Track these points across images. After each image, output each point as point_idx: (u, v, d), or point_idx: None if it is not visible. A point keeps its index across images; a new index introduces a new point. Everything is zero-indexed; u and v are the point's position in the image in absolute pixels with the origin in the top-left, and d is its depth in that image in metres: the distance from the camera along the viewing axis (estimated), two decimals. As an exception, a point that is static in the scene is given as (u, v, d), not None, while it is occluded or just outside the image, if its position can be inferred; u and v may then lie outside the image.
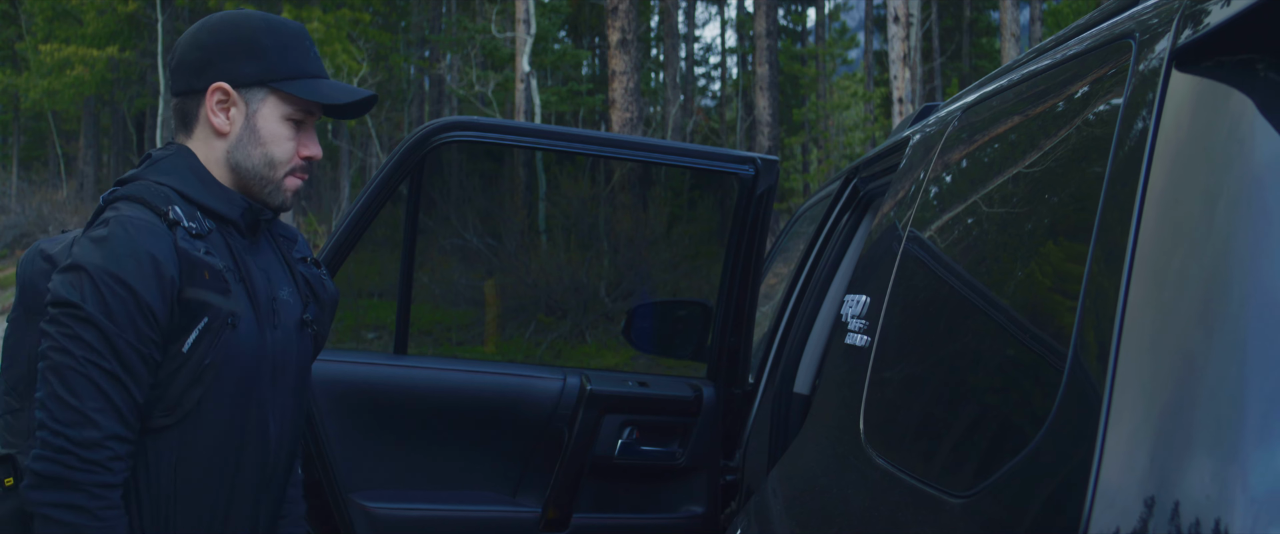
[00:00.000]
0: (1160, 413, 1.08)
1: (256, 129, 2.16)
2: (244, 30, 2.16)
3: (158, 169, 2.11)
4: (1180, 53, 1.27)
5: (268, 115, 2.16)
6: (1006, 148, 1.85)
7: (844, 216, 3.66)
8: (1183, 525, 1.01)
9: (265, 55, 2.14)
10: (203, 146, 2.17)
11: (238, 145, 2.16)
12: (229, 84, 2.13)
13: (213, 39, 2.15)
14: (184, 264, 1.99)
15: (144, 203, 2.02)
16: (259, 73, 2.14)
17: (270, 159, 2.18)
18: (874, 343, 2.03)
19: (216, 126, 2.14)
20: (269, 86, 2.15)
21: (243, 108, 2.15)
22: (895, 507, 1.63)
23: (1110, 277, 1.21)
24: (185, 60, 2.16)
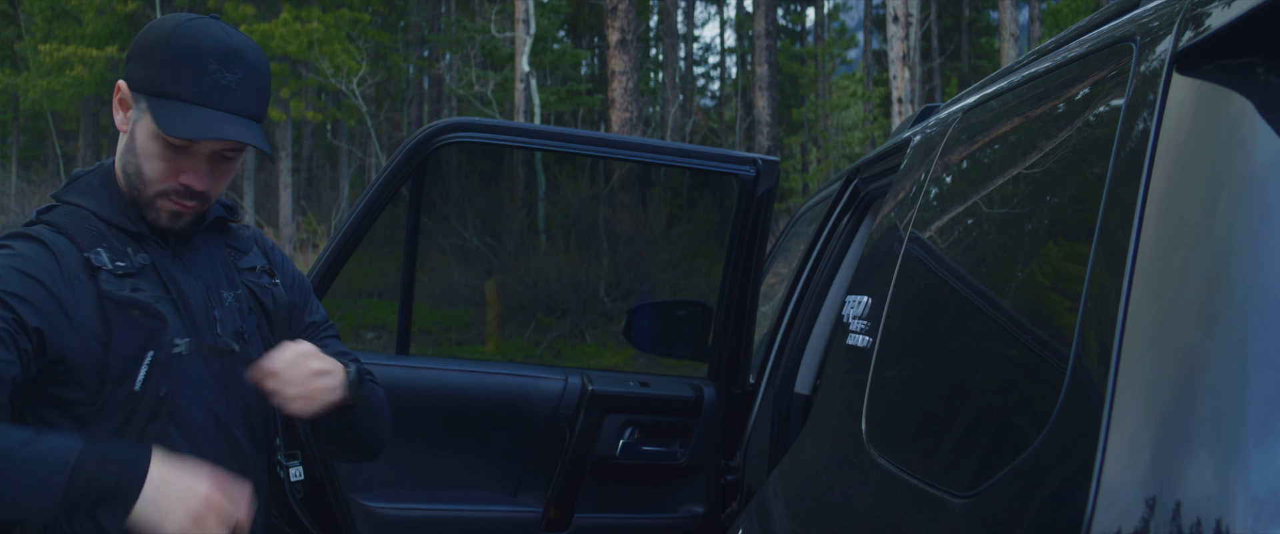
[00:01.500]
0: (1162, 412, 1.09)
1: (135, 138, 2.03)
2: (152, 34, 2.04)
3: (74, 190, 2.06)
4: (1181, 56, 1.28)
5: (144, 127, 2.01)
6: (1008, 149, 1.85)
7: (845, 217, 3.66)
8: (1185, 524, 1.01)
9: (152, 65, 2.00)
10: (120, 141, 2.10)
11: (124, 149, 2.06)
12: (126, 84, 2.04)
13: (140, 35, 2.06)
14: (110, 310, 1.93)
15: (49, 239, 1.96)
16: (143, 81, 2.01)
17: (140, 173, 2.03)
18: (876, 343, 2.04)
19: (118, 123, 2.07)
20: (148, 98, 2.00)
21: (133, 113, 2.04)
22: (897, 506, 1.64)
23: (1112, 277, 1.22)
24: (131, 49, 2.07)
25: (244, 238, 2.34)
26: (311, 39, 23.85)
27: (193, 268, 2.13)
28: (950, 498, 1.43)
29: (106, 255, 1.97)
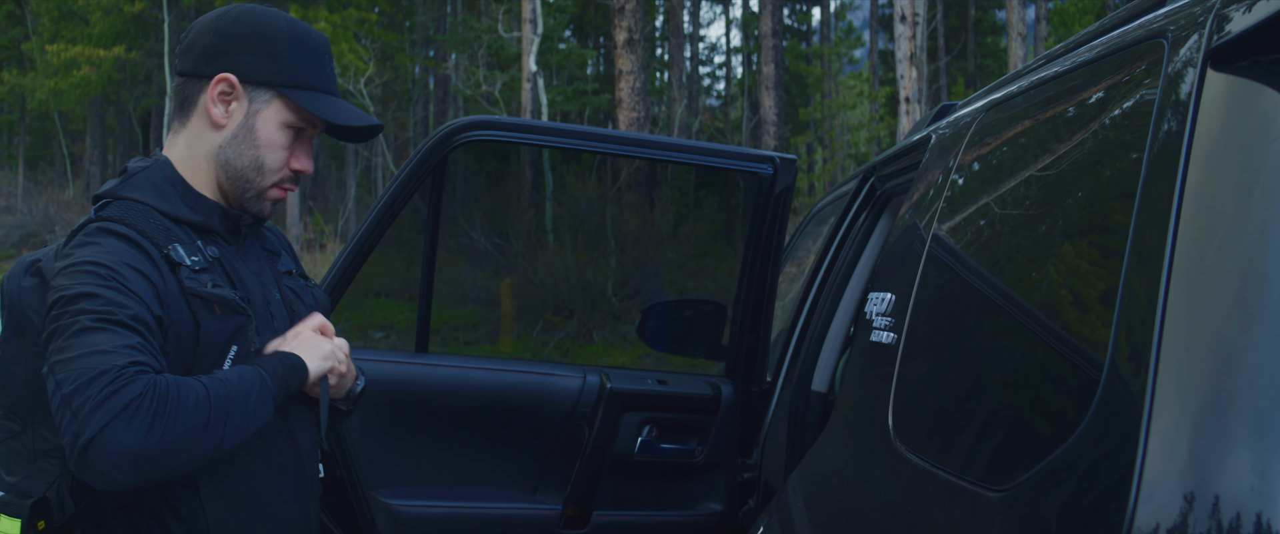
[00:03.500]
0: (1201, 406, 1.09)
1: (254, 130, 2.09)
2: (266, 27, 2.09)
3: (134, 185, 2.04)
4: (1215, 52, 1.28)
5: (269, 118, 2.09)
6: (1034, 145, 1.85)
7: (861, 215, 3.66)
8: (1226, 518, 1.02)
9: (280, 58, 2.08)
10: (194, 137, 2.10)
11: (231, 142, 2.08)
12: (236, 77, 2.06)
13: (233, 29, 2.08)
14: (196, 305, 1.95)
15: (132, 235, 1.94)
16: (270, 74, 2.07)
17: (260, 164, 2.10)
18: (901, 340, 2.04)
19: (214, 117, 2.07)
20: (277, 90, 2.08)
21: (245, 105, 2.08)
22: (929, 502, 1.64)
23: (1147, 272, 1.22)
24: (199, 43, 2.08)
25: (271, 239, 2.35)
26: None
27: (250, 265, 2.16)
28: (985, 492, 1.44)
29: (183, 251, 1.98)
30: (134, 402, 1.68)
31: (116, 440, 1.65)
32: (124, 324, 1.77)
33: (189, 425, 1.73)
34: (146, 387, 1.70)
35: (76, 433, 1.66)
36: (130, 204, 2.00)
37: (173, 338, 1.91)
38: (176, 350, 1.92)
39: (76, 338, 1.73)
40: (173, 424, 1.71)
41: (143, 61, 30.78)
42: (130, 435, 1.66)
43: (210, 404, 1.78)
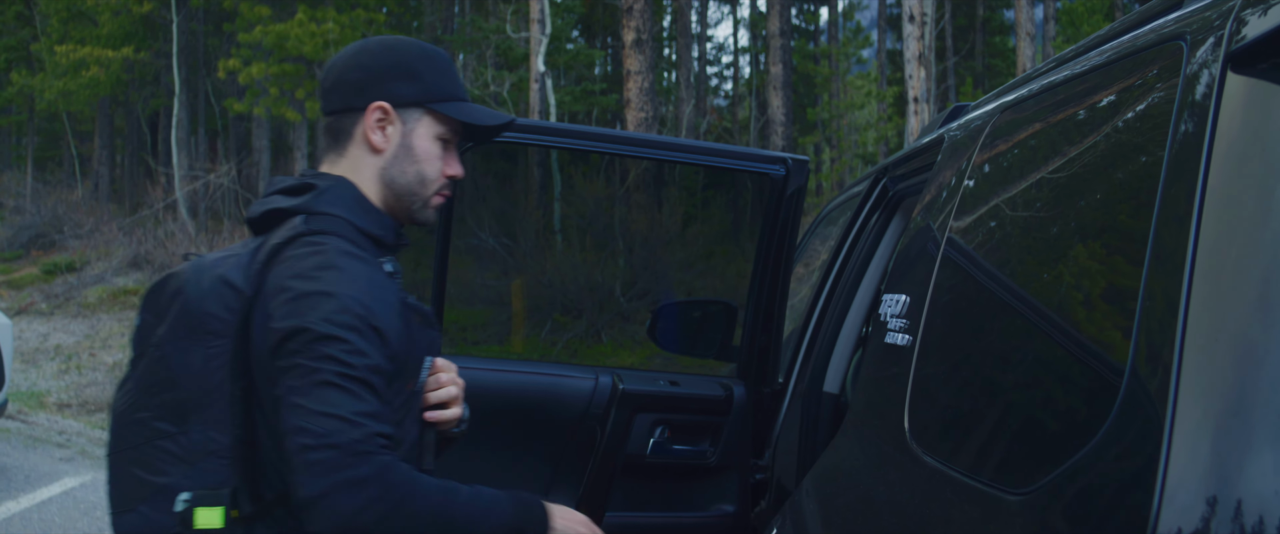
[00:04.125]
0: (1227, 408, 1.09)
1: (412, 148, 2.24)
2: (402, 54, 2.26)
3: (327, 200, 2.16)
4: (1235, 55, 1.28)
5: (423, 134, 2.25)
6: (1051, 147, 1.85)
7: (873, 216, 3.66)
8: (1254, 522, 1.02)
9: (422, 78, 2.24)
10: (356, 164, 2.24)
11: (393, 162, 2.24)
12: (389, 103, 2.21)
13: (373, 61, 2.24)
14: (408, 315, 2.12)
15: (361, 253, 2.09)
16: (417, 94, 2.23)
17: (423, 176, 2.26)
18: (917, 341, 2.04)
19: (373, 143, 2.22)
20: (425, 107, 2.24)
21: (399, 127, 2.23)
22: (946, 504, 1.64)
23: (1170, 273, 1.22)
24: (345, 79, 2.24)
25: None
26: (327, 40, 23.87)
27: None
28: (1004, 495, 1.44)
29: (389, 265, 2.19)
30: (366, 481, 1.85)
31: (341, 510, 1.84)
32: (363, 382, 1.91)
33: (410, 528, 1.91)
34: (379, 471, 1.87)
35: (309, 489, 1.83)
36: (333, 219, 2.14)
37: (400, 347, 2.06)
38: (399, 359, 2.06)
39: (318, 390, 1.88)
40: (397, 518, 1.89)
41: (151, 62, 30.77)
42: (355, 513, 1.84)
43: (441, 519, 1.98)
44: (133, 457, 2.07)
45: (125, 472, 2.09)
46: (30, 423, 11.43)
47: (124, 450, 2.09)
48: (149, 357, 2.09)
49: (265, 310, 2.00)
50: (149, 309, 2.12)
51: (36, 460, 9.61)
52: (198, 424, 2.03)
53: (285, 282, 1.99)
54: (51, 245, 25.08)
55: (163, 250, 21.48)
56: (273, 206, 2.17)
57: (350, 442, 1.85)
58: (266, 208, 2.17)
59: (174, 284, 2.09)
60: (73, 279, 21.08)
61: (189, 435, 2.03)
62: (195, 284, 2.07)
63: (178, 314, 2.06)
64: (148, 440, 2.06)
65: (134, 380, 2.11)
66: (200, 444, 2.03)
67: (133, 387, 2.11)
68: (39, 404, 12.59)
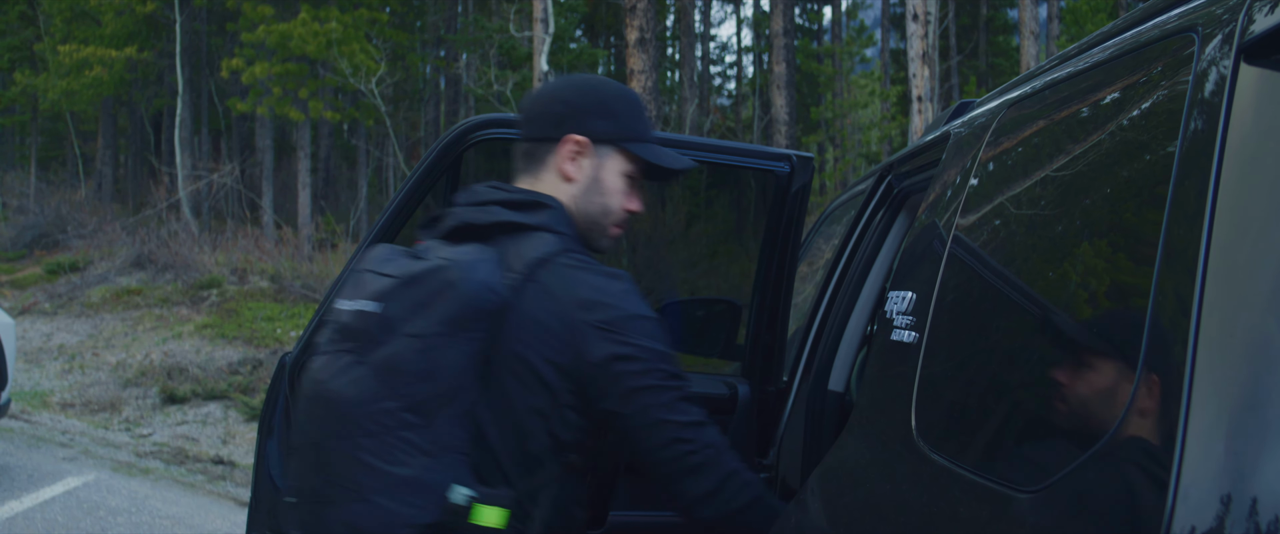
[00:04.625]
0: (1241, 405, 1.08)
1: (601, 181, 2.44)
2: (602, 93, 2.46)
3: (560, 220, 2.35)
4: (1248, 46, 1.26)
5: (612, 170, 2.45)
6: (1058, 143, 1.83)
7: (878, 213, 3.64)
8: (1269, 520, 1.00)
9: (618, 117, 2.43)
10: (549, 190, 2.41)
11: (583, 193, 2.42)
12: (586, 138, 2.40)
13: (575, 97, 2.44)
14: None
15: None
16: (612, 132, 2.43)
17: (607, 209, 2.45)
18: (923, 339, 2.02)
19: (566, 173, 2.41)
20: (617, 145, 2.44)
21: (592, 160, 2.42)
22: (954, 503, 1.62)
23: (1182, 269, 1.21)
24: (547, 112, 2.43)
25: None
26: (330, 39, 23.89)
27: None
28: (1014, 493, 1.42)
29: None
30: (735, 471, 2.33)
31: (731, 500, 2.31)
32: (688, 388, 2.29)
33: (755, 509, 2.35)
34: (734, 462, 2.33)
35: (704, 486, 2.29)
36: (572, 240, 2.37)
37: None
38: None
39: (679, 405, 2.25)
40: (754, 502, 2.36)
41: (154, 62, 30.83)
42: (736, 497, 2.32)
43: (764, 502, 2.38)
44: (368, 446, 2.11)
45: (353, 459, 2.12)
46: (33, 422, 11.44)
47: (354, 437, 2.12)
48: (399, 347, 2.12)
49: (553, 319, 2.19)
50: (396, 299, 2.15)
51: (39, 460, 9.61)
52: (444, 419, 2.12)
53: (594, 298, 2.21)
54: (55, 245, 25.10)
55: (166, 250, 21.49)
56: (503, 219, 2.31)
57: (719, 442, 2.28)
58: (496, 220, 2.31)
59: (436, 278, 2.15)
60: (76, 279, 21.09)
61: (434, 429, 2.12)
62: (466, 283, 2.13)
63: (444, 309, 2.12)
64: (389, 430, 2.11)
65: (371, 368, 2.14)
66: (443, 438, 2.12)
67: (369, 375, 2.13)
68: (42, 404, 12.59)
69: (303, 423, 2.25)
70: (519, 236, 2.28)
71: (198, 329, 16.43)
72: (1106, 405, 1.28)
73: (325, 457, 2.16)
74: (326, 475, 2.15)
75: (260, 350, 14.84)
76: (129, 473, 9.47)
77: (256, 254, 21.35)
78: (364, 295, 2.20)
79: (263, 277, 19.63)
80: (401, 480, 2.08)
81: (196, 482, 9.47)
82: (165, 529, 7.74)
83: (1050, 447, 1.42)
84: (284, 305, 17.73)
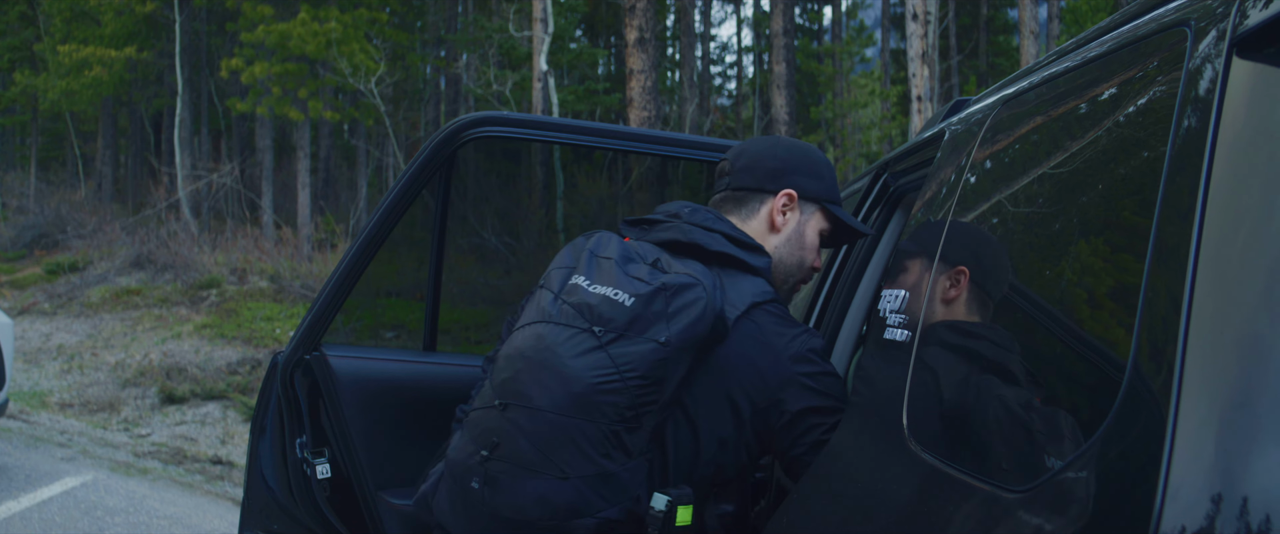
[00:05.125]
0: (1231, 403, 1.06)
1: (803, 236, 2.65)
2: (813, 156, 2.68)
3: (769, 266, 2.51)
4: (1240, 40, 1.25)
5: (812, 227, 2.66)
6: (1052, 140, 1.82)
7: (874, 212, 3.62)
8: (1260, 520, 0.99)
9: (824, 179, 2.66)
10: (757, 237, 2.59)
11: (785, 244, 2.63)
12: (797, 193, 2.61)
13: (789, 155, 2.65)
14: None
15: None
16: (820, 192, 2.64)
17: (802, 262, 2.66)
18: (916, 337, 2.01)
19: (775, 223, 2.61)
20: (821, 205, 2.65)
21: (798, 215, 2.64)
22: (944, 502, 1.61)
23: (1172, 266, 1.19)
24: (762, 164, 2.63)
25: None
26: (329, 39, 23.88)
27: None
28: (1003, 493, 1.41)
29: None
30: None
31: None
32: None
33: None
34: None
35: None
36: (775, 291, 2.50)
37: None
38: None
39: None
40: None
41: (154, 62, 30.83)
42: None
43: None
44: (588, 431, 2.21)
45: (570, 440, 2.21)
46: (32, 422, 11.43)
47: (578, 419, 2.22)
48: (643, 348, 2.22)
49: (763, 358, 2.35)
50: (652, 302, 2.26)
51: (37, 460, 9.60)
52: (647, 425, 2.25)
53: (803, 352, 2.38)
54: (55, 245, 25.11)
55: (165, 250, 21.49)
56: (729, 251, 2.44)
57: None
58: (726, 251, 2.44)
59: (694, 297, 2.27)
60: (76, 279, 21.10)
61: (640, 432, 2.25)
62: (711, 308, 2.27)
63: (688, 326, 2.25)
64: (611, 421, 2.22)
65: (608, 355, 2.23)
66: (642, 442, 2.25)
67: (608, 363, 2.22)
68: (41, 404, 12.59)
69: (520, 381, 2.29)
70: (736, 274, 2.42)
71: (197, 329, 16.43)
72: (1096, 404, 1.27)
73: (540, 424, 2.23)
74: (535, 442, 2.23)
75: (259, 350, 14.83)
76: (127, 473, 9.46)
77: (256, 254, 21.36)
78: (615, 285, 2.29)
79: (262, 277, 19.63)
80: (605, 473, 2.21)
81: (195, 482, 9.46)
82: (163, 529, 7.73)
83: (1039, 446, 1.41)
84: (283, 305, 17.73)
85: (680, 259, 2.40)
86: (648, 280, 2.29)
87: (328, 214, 27.51)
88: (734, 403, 2.33)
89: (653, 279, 2.29)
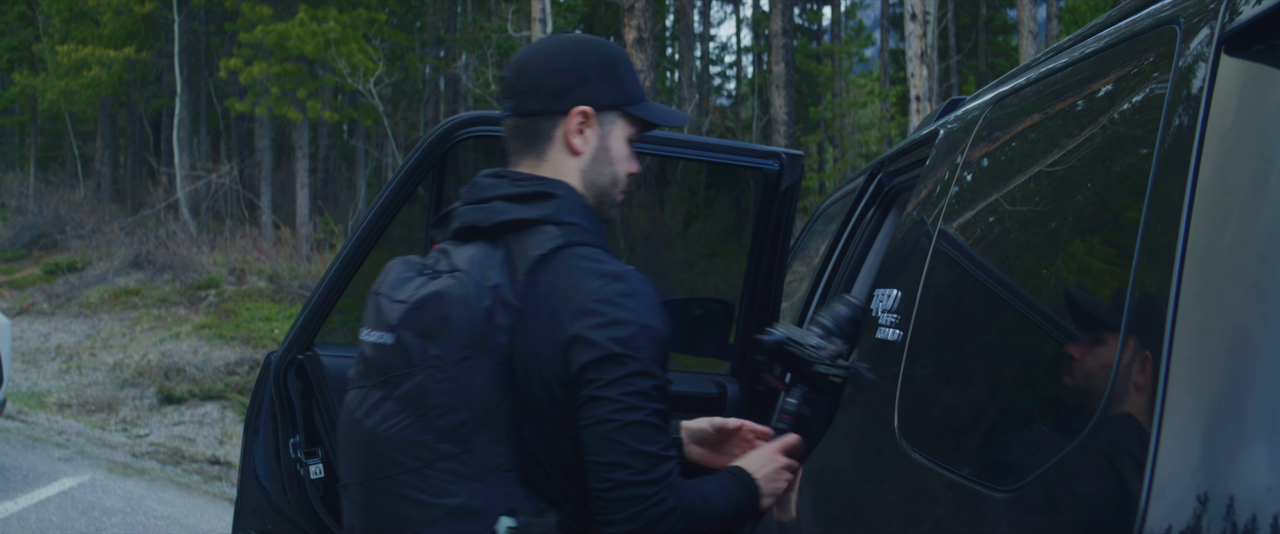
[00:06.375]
0: (1217, 402, 1.06)
1: (609, 150, 2.29)
2: (601, 56, 2.29)
3: (568, 209, 2.18)
4: (1229, 37, 1.25)
5: (618, 137, 2.31)
6: (1043, 139, 1.82)
7: (869, 211, 3.62)
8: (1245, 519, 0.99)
9: (621, 81, 2.29)
10: (557, 167, 2.26)
11: (592, 165, 2.27)
12: (591, 107, 2.24)
13: (573, 64, 2.25)
14: None
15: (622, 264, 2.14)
16: (618, 96, 2.28)
17: (616, 178, 2.32)
18: (907, 336, 2.01)
19: (574, 147, 2.25)
20: (621, 111, 2.29)
21: (598, 129, 2.27)
22: (933, 502, 1.61)
23: (1160, 265, 1.19)
24: (544, 83, 2.24)
25: None
26: (328, 39, 23.87)
27: None
28: (992, 492, 1.40)
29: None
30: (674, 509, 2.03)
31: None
32: (666, 414, 2.06)
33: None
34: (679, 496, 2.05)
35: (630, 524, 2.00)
36: (583, 230, 2.18)
37: None
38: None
39: (636, 428, 2.00)
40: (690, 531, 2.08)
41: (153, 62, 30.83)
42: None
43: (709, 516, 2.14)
44: (408, 482, 2.06)
45: (396, 498, 2.08)
46: (30, 422, 11.42)
47: (393, 476, 2.08)
48: (422, 379, 2.04)
49: (548, 325, 2.04)
50: (412, 328, 2.06)
51: (35, 460, 9.60)
52: (483, 441, 2.04)
53: (588, 303, 2.02)
54: (53, 245, 25.10)
55: (164, 250, 21.50)
56: (510, 217, 2.16)
57: (664, 476, 2.01)
58: (500, 218, 2.16)
59: (445, 301, 2.04)
60: (74, 279, 21.09)
61: (474, 454, 2.05)
62: (475, 300, 2.04)
63: (458, 332, 2.03)
64: (428, 463, 2.05)
65: (398, 402, 2.07)
66: (486, 461, 2.04)
67: (397, 409, 2.07)
68: (39, 404, 12.58)
69: (346, 461, 2.20)
70: (524, 232, 2.14)
71: (195, 329, 16.43)
72: (1082, 403, 1.27)
73: (371, 496, 2.12)
74: (375, 516, 2.12)
75: (258, 351, 14.84)
76: (125, 473, 9.45)
77: (254, 254, 21.36)
78: (381, 325, 2.12)
79: (261, 277, 19.63)
80: (449, 510, 2.04)
81: (192, 482, 9.46)
82: (160, 529, 7.72)
83: (1027, 445, 1.40)
84: (282, 306, 17.73)
85: (468, 246, 2.16)
86: (404, 301, 2.08)
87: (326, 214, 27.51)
88: (546, 381, 2.05)
89: (410, 300, 2.08)
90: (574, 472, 2.11)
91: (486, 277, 2.06)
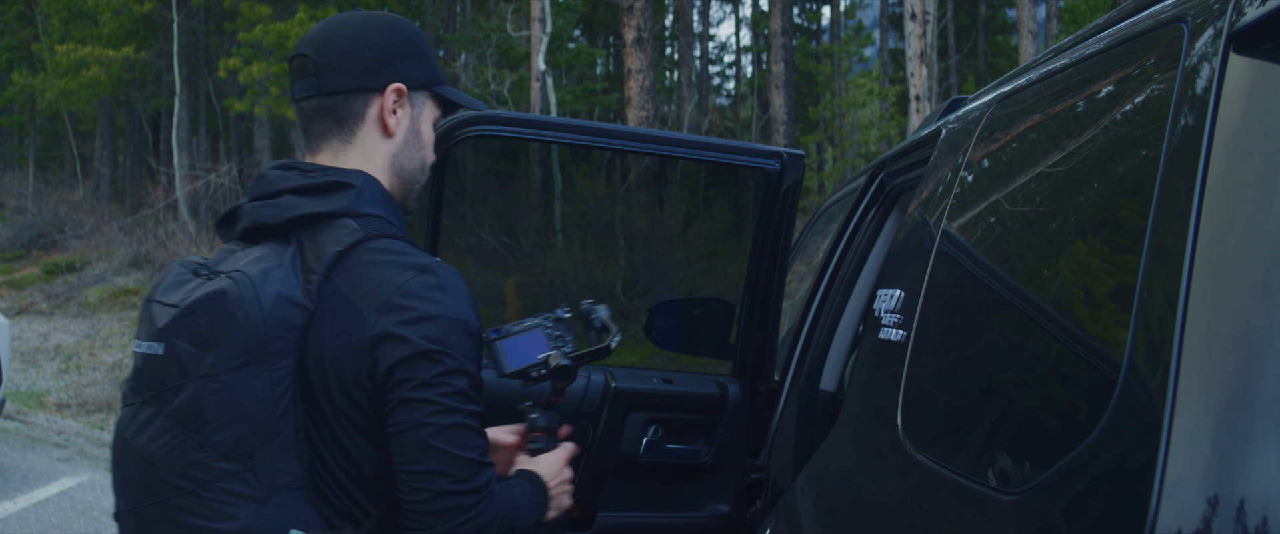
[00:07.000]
0: (1227, 403, 1.05)
1: (419, 132, 2.16)
2: (408, 33, 2.15)
3: (366, 200, 2.01)
4: (1237, 36, 1.24)
5: (427, 119, 2.18)
6: (1047, 138, 1.81)
7: (870, 211, 3.61)
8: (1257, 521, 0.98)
9: (428, 60, 2.16)
10: (367, 151, 2.10)
11: (403, 148, 2.13)
12: (407, 86, 2.11)
13: (385, 39, 2.10)
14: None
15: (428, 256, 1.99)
16: (428, 76, 2.16)
17: (424, 163, 2.20)
18: (910, 337, 2.00)
19: (388, 127, 2.10)
20: (431, 91, 2.17)
21: (409, 110, 2.13)
22: (938, 504, 1.59)
23: (1169, 266, 1.18)
24: (356, 57, 2.07)
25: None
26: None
27: None
28: (997, 495, 1.39)
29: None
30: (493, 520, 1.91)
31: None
32: (483, 416, 1.94)
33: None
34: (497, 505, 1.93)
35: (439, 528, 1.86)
36: (383, 221, 2.03)
37: None
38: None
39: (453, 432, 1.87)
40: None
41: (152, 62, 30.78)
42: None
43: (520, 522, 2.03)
44: (183, 505, 1.86)
45: (171, 524, 1.87)
46: (29, 423, 11.41)
47: (166, 500, 1.87)
48: (195, 391, 1.84)
49: (350, 324, 1.89)
50: (183, 335, 1.85)
51: (34, 460, 9.58)
52: (266, 457, 1.86)
53: (395, 298, 1.87)
54: (52, 245, 25.09)
55: (163, 250, 21.48)
56: (302, 212, 1.98)
57: (484, 484, 1.90)
58: (291, 214, 1.98)
59: (221, 304, 1.84)
60: (73, 279, 21.08)
61: (257, 471, 1.86)
62: (253, 303, 1.84)
63: (236, 338, 1.83)
64: (204, 484, 1.85)
65: (170, 418, 1.86)
66: (270, 478, 1.86)
67: (168, 426, 1.86)
68: (38, 404, 12.57)
69: (118, 487, 1.98)
70: (318, 228, 1.97)
71: (194, 329, 16.40)
72: (1092, 404, 1.26)
73: (144, 524, 1.91)
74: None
75: (257, 350, 14.81)
76: (123, 473, 9.43)
77: (254, 254, 21.33)
78: (150, 334, 1.90)
79: (260, 277, 19.61)
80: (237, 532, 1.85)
81: (191, 482, 9.44)
82: (159, 530, 7.71)
83: (1035, 447, 1.39)
84: (281, 305, 17.71)
85: (256, 246, 1.98)
86: (176, 306, 1.88)
87: (326, 214, 27.45)
88: (346, 386, 1.89)
89: (182, 303, 1.87)
90: (376, 484, 1.95)
91: (268, 281, 1.87)
